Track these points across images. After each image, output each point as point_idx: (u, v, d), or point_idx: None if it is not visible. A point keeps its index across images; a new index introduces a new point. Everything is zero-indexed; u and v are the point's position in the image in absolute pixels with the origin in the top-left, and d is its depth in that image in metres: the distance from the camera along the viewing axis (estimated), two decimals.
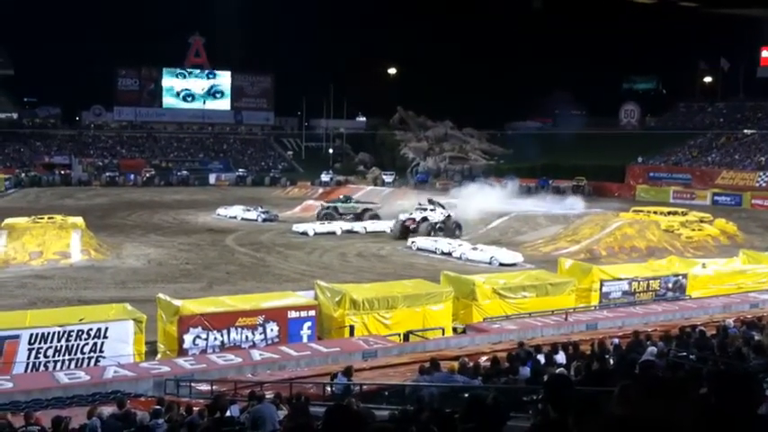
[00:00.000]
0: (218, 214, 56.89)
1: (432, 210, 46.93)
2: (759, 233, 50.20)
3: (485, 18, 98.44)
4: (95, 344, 18.80)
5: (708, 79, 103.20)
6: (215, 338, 20.12)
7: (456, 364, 14.36)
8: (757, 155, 79.82)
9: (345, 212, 52.29)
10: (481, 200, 56.27)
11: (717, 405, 3.92)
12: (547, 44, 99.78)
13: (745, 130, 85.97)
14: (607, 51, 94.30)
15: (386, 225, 50.27)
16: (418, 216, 46.37)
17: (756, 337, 15.02)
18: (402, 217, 47.02)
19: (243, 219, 54.88)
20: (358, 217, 51.73)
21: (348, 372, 14.64)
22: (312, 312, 21.67)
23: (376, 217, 51.96)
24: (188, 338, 19.83)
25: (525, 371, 13.03)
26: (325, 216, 51.56)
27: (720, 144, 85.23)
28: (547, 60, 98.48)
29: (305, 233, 47.56)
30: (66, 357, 18.53)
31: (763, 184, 73.59)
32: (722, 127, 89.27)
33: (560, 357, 14.24)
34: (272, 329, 20.83)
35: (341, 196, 54.44)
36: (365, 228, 49.49)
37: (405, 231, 45.57)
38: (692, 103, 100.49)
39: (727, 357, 12.43)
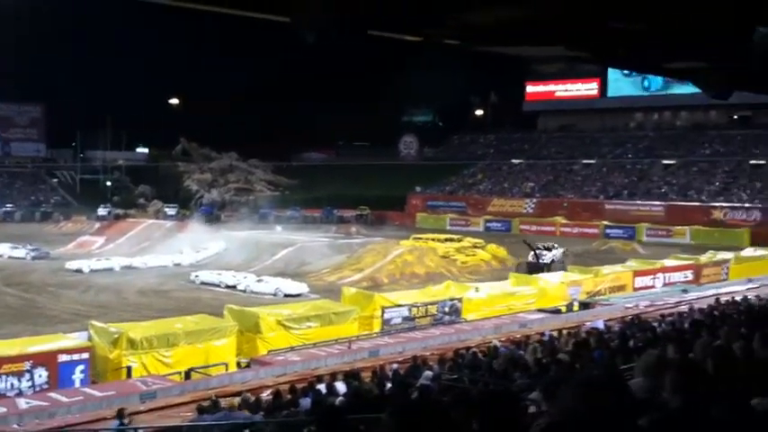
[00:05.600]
0: None
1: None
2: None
3: (264, 52, 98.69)
4: None
5: (479, 112, 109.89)
6: None
7: (237, 401, 14.12)
8: (524, 183, 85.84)
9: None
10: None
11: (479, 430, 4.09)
12: (327, 78, 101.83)
13: (513, 160, 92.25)
14: (386, 85, 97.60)
15: (167, 259, 48.87)
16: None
17: (525, 356, 15.94)
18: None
19: (10, 257, 51.22)
20: None
21: (120, 414, 13.94)
22: (85, 355, 20.53)
23: None
24: None
25: (306, 402, 13.04)
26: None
27: (490, 173, 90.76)
28: (329, 94, 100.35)
29: (79, 270, 45.13)
30: None
31: (530, 211, 79.21)
32: (493, 157, 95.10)
33: (341, 386, 14.38)
34: (40, 375, 19.51)
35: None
36: (145, 263, 47.79)
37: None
38: (465, 135, 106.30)
39: (495, 377, 13.10)
